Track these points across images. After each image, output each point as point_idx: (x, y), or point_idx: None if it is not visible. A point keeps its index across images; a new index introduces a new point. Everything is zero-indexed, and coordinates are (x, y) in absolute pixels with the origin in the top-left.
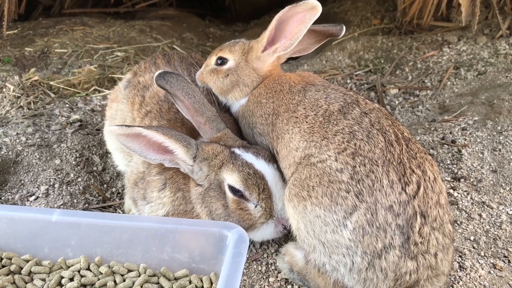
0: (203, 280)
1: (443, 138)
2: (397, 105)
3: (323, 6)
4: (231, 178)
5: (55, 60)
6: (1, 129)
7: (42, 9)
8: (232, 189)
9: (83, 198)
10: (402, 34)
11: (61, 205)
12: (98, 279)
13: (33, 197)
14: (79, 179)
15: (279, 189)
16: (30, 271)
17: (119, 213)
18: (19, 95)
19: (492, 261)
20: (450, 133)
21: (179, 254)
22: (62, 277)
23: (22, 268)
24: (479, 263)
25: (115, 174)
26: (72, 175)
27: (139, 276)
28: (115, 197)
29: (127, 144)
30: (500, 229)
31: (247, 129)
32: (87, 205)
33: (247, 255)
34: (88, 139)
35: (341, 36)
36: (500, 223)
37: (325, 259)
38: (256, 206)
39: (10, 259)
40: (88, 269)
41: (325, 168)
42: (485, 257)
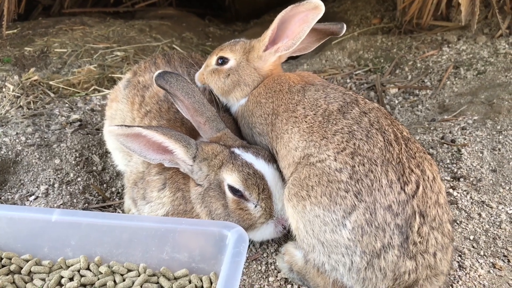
0: (202, 279)
1: (443, 137)
2: (396, 105)
3: None
4: (230, 178)
5: (55, 60)
6: (1, 128)
7: (41, 8)
8: (231, 189)
9: (82, 197)
10: (402, 33)
11: (60, 204)
12: (98, 279)
13: (33, 197)
14: (79, 179)
15: (279, 189)
16: (30, 271)
17: (119, 212)
18: (19, 95)
19: (491, 260)
20: (450, 132)
21: (179, 254)
22: (62, 277)
23: (22, 268)
24: (479, 262)
25: (115, 173)
26: (71, 174)
27: (138, 275)
28: (114, 197)
29: (127, 144)
30: (500, 228)
31: (247, 129)
32: (86, 204)
33: (247, 255)
34: (87, 139)
35: (341, 35)
36: (499, 223)
37: (324, 259)
38: (255, 206)
39: (10, 258)
40: (88, 269)
41: (324, 167)
42: (484, 257)
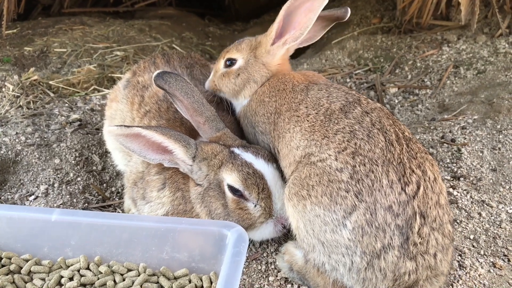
0: (202, 279)
1: (443, 137)
2: (396, 104)
3: None
4: (230, 177)
5: (55, 60)
6: (0, 128)
7: (41, 8)
8: (231, 188)
9: (82, 197)
10: (402, 33)
11: (60, 204)
12: (98, 279)
13: (33, 197)
14: (79, 179)
15: (279, 188)
16: (30, 271)
17: (118, 212)
18: (19, 94)
19: (491, 260)
20: (450, 132)
21: (178, 254)
22: (62, 277)
23: (21, 268)
24: (479, 262)
25: (115, 173)
26: (71, 174)
27: (138, 275)
28: (114, 197)
29: (126, 144)
30: (500, 228)
31: (249, 128)
32: (86, 204)
33: (247, 254)
34: (87, 139)
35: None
36: (499, 222)
37: (325, 259)
38: (255, 206)
39: (10, 258)
40: (87, 268)
41: (325, 167)
42: (484, 256)
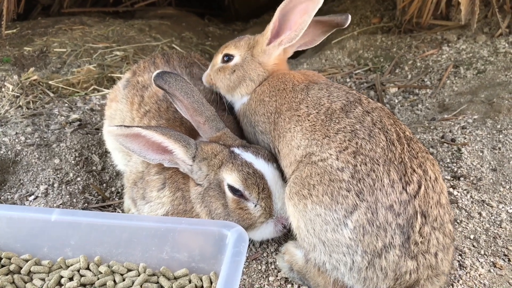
0: (202, 279)
1: (443, 136)
2: (396, 104)
3: (322, 5)
4: (230, 177)
5: (54, 60)
6: (0, 128)
7: (41, 8)
8: (231, 188)
9: (82, 197)
10: (402, 32)
11: (60, 204)
12: (98, 279)
13: (33, 197)
14: (79, 179)
15: (279, 188)
16: (30, 271)
17: (118, 212)
18: (18, 94)
19: (492, 259)
20: (450, 131)
21: (178, 254)
22: (62, 277)
23: (21, 268)
24: (479, 261)
25: (115, 173)
26: (71, 174)
27: (138, 275)
28: (114, 197)
29: (126, 144)
30: (500, 227)
31: (249, 127)
32: (86, 204)
33: (247, 254)
34: (87, 139)
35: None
36: (500, 222)
37: (325, 258)
38: (255, 206)
39: (10, 258)
40: (87, 268)
41: (326, 166)
42: (485, 256)
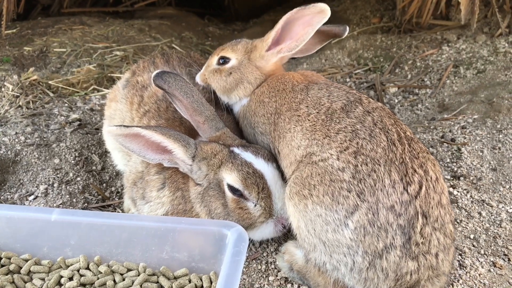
0: (202, 279)
1: (443, 136)
2: (396, 104)
3: None
4: (230, 177)
5: (54, 60)
6: (0, 128)
7: (41, 8)
8: (231, 188)
9: (82, 197)
10: (402, 32)
11: (60, 204)
12: (98, 279)
13: (32, 197)
14: (78, 179)
15: (279, 188)
16: (29, 271)
17: (118, 212)
18: (18, 94)
19: (492, 259)
20: (450, 131)
21: (178, 253)
22: (62, 277)
23: (21, 268)
24: (479, 261)
25: (114, 173)
26: (71, 174)
27: (138, 275)
28: (114, 196)
29: (126, 144)
30: (500, 227)
31: (249, 128)
32: (86, 204)
33: (247, 254)
34: (87, 139)
35: (343, 37)
36: (500, 221)
37: (326, 258)
38: (255, 205)
39: (9, 258)
40: (87, 268)
41: (327, 166)
42: (485, 256)
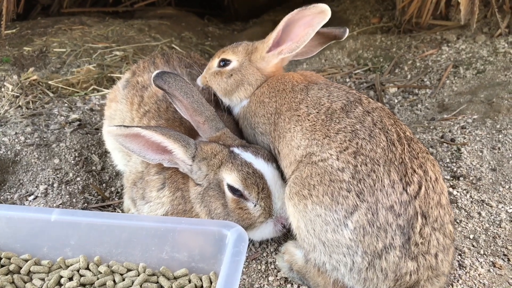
0: (202, 279)
1: (442, 136)
2: (396, 104)
3: None
4: (230, 177)
5: (54, 60)
6: (0, 128)
7: (40, 8)
8: (231, 188)
9: (82, 197)
10: (401, 32)
11: (60, 204)
12: (98, 279)
13: (32, 197)
14: (78, 179)
15: (278, 188)
16: (29, 271)
17: (118, 212)
18: (18, 94)
19: (491, 259)
20: (449, 131)
21: (178, 253)
22: (61, 277)
23: (21, 268)
24: (479, 261)
25: (114, 173)
26: (71, 174)
27: (138, 275)
28: (114, 197)
29: (126, 144)
30: (500, 227)
31: (249, 129)
32: (86, 204)
33: (247, 254)
34: (87, 139)
35: (343, 39)
36: (499, 222)
37: (325, 259)
38: (255, 205)
39: (9, 258)
40: (87, 268)
41: (327, 167)
42: (484, 256)
